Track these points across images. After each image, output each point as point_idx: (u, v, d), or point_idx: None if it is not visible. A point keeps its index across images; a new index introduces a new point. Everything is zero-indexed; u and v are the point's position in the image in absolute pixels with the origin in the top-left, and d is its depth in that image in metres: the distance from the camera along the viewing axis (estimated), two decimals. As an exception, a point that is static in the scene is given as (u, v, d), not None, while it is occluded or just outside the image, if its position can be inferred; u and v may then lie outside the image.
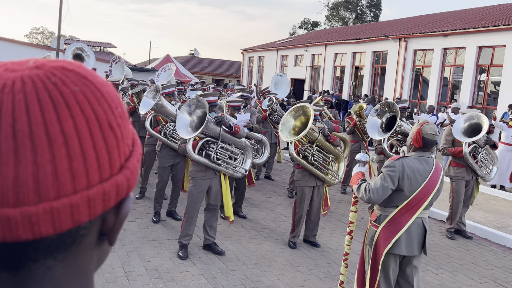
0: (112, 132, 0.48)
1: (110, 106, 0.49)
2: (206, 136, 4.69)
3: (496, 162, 6.23)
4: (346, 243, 3.76)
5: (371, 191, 3.28)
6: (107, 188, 0.48)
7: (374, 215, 3.46)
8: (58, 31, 17.39)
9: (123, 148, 0.50)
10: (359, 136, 7.86)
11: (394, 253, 3.31)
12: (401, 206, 3.29)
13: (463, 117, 5.85)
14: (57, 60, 0.49)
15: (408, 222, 3.27)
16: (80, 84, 0.47)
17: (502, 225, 6.76)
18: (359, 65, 21.14)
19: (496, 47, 14.51)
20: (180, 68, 22.53)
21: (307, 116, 4.97)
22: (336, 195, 7.94)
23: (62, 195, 0.44)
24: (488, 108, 14.68)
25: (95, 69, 5.44)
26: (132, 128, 0.54)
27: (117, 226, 0.52)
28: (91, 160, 0.46)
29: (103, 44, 36.86)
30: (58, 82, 0.46)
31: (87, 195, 0.46)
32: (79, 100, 0.46)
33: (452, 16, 19.92)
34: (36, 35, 73.31)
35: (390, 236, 3.28)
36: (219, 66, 39.28)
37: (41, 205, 0.43)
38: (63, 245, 0.47)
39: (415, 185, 3.28)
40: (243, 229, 5.81)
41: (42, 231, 0.44)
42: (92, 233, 0.50)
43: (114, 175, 0.49)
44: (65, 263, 0.49)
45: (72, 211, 0.45)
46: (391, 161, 3.31)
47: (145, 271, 4.32)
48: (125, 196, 0.52)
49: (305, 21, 47.94)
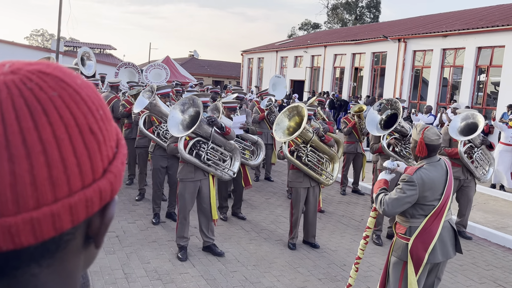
0: (93, 136, 0.47)
1: (90, 110, 0.48)
2: (197, 136, 4.68)
3: (492, 163, 6.23)
4: (360, 248, 3.68)
5: (386, 204, 3.22)
6: (90, 194, 0.46)
7: (401, 227, 3.36)
8: (58, 33, 17.43)
9: (106, 152, 0.49)
10: (355, 137, 7.86)
11: (431, 262, 3.25)
12: (430, 215, 3.23)
13: (459, 116, 5.86)
14: (34, 63, 0.48)
15: (439, 229, 3.22)
16: (58, 89, 0.46)
17: (501, 226, 6.75)
18: (359, 66, 21.15)
19: (495, 47, 14.51)
20: (180, 70, 22.54)
21: (301, 116, 4.98)
22: (335, 196, 7.94)
23: (42, 204, 0.43)
24: (487, 109, 14.68)
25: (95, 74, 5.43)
26: (116, 128, 0.53)
27: (103, 229, 0.52)
28: (72, 167, 0.45)
29: (103, 46, 36.89)
30: (34, 88, 0.44)
31: (68, 203, 0.45)
32: (57, 106, 0.45)
33: (451, 16, 19.94)
34: (36, 37, 73.38)
35: (426, 246, 3.21)
36: (218, 67, 39.31)
37: (20, 215, 0.42)
38: (47, 252, 0.47)
39: (437, 193, 3.23)
40: (243, 231, 5.81)
41: (22, 241, 0.43)
42: (77, 238, 0.49)
43: (97, 180, 0.48)
44: (51, 269, 0.48)
45: (54, 220, 0.44)
46: (409, 176, 3.20)
47: (145, 273, 4.32)
48: (110, 200, 0.51)
49: (305, 22, 48.00)
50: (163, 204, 6.20)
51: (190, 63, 36.97)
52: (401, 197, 3.19)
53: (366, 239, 3.66)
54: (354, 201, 7.75)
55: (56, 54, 17.77)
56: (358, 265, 3.75)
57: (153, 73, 13.68)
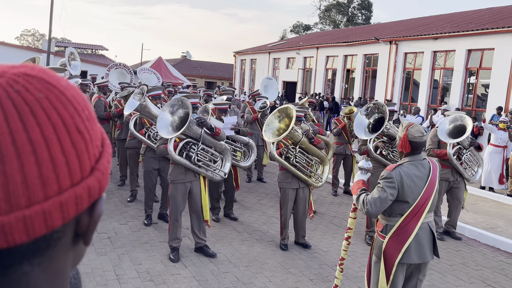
0: (80, 135, 0.48)
1: (76, 110, 0.49)
2: (187, 137, 4.68)
3: (481, 164, 6.31)
4: (343, 248, 3.71)
5: (369, 204, 3.20)
6: (79, 191, 0.48)
7: (380, 225, 3.35)
8: (49, 33, 17.31)
9: (93, 150, 0.50)
10: (345, 138, 7.92)
11: (404, 262, 3.21)
12: (406, 214, 3.20)
13: (447, 118, 5.92)
14: (18, 66, 0.49)
15: (415, 229, 3.18)
16: (44, 90, 0.47)
17: (491, 226, 6.84)
18: (351, 67, 21.27)
19: (485, 50, 14.68)
20: (172, 71, 22.50)
21: (290, 118, 5.00)
22: (327, 198, 7.98)
23: (33, 203, 0.44)
24: (477, 111, 14.84)
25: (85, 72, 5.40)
26: (100, 128, 0.54)
27: (92, 226, 0.53)
28: (61, 165, 0.46)
29: (94, 47, 36.68)
30: (21, 90, 0.45)
31: (59, 200, 0.46)
32: (45, 107, 0.46)
33: (441, 19, 20.13)
34: (27, 37, 72.79)
35: (399, 246, 3.18)
36: (211, 68, 39.30)
37: (13, 214, 0.43)
38: (38, 249, 0.47)
39: (416, 192, 3.20)
40: (235, 232, 5.82)
41: (16, 239, 0.44)
42: (67, 235, 0.51)
43: (85, 178, 0.49)
44: (41, 267, 0.49)
45: (45, 217, 0.45)
46: (388, 172, 3.21)
47: (137, 274, 4.32)
48: (98, 197, 0.52)
49: (297, 24, 48.16)
50: (155, 206, 6.19)
51: (182, 64, 36.93)
52: (382, 196, 3.17)
53: (348, 240, 3.67)
54: (346, 202, 7.79)
55: (47, 54, 17.65)
56: (342, 266, 3.77)
57: (143, 77, 13.67)
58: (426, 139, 3.32)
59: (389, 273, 3.24)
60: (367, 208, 3.21)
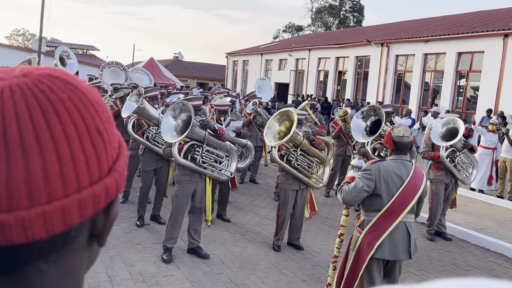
0: (100, 136, 0.50)
1: (97, 111, 0.50)
2: (192, 140, 4.70)
3: (476, 165, 6.38)
4: (336, 246, 3.79)
5: (344, 192, 3.36)
6: (97, 190, 0.49)
7: (359, 220, 3.50)
8: (40, 33, 17.17)
9: (111, 152, 0.52)
10: (344, 140, 7.97)
11: (377, 257, 3.33)
12: (383, 211, 3.32)
13: (440, 121, 5.99)
14: (43, 67, 0.50)
15: (391, 227, 3.29)
16: (67, 91, 0.48)
17: (481, 227, 6.91)
18: (342, 69, 21.39)
19: (475, 53, 14.86)
20: (164, 72, 22.43)
21: (291, 121, 5.03)
22: (319, 198, 8.01)
23: (53, 199, 0.45)
24: (467, 113, 15.00)
25: (77, 73, 5.39)
26: (117, 131, 0.56)
27: (107, 227, 0.54)
28: (81, 164, 0.47)
29: (85, 47, 36.44)
30: (46, 89, 0.47)
31: (77, 198, 0.47)
32: (67, 106, 0.47)
33: (432, 22, 20.32)
34: (17, 37, 72.07)
35: (373, 241, 3.31)
36: (203, 69, 39.23)
37: (33, 209, 0.44)
38: (55, 247, 0.48)
39: (393, 188, 3.32)
40: (228, 233, 5.83)
41: (35, 234, 0.45)
42: (83, 235, 0.51)
43: (103, 177, 0.50)
44: (57, 266, 0.50)
45: (64, 214, 0.46)
46: (368, 164, 3.39)
47: (129, 276, 4.30)
48: (114, 198, 0.53)
49: (290, 25, 48.30)
50: (148, 207, 6.17)
51: (174, 65, 36.82)
52: (357, 185, 3.32)
53: (341, 237, 3.77)
54: (338, 203, 7.83)
55: (38, 54, 17.49)
56: (335, 264, 3.84)
57: (135, 76, 13.61)
58: (408, 141, 3.44)
59: (360, 267, 3.37)
60: (342, 195, 3.38)
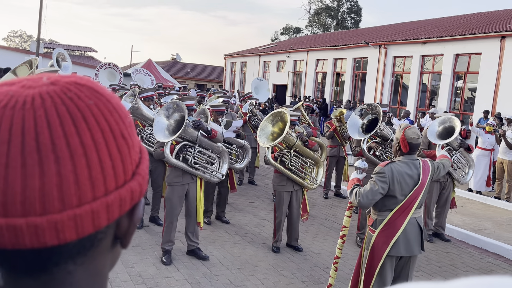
0: (125, 141, 0.52)
1: (121, 117, 0.52)
2: (184, 140, 4.68)
3: (472, 165, 6.40)
4: (338, 247, 3.85)
5: (361, 195, 3.42)
6: (123, 194, 0.51)
7: (371, 219, 3.57)
8: (38, 35, 17.15)
9: (134, 156, 0.54)
10: (338, 141, 7.99)
11: (392, 255, 3.43)
12: (395, 209, 3.43)
13: (437, 120, 6.03)
14: (68, 76, 0.53)
15: (403, 224, 3.41)
16: (94, 98, 0.50)
17: (479, 228, 6.94)
18: (340, 71, 21.43)
19: (472, 54, 14.92)
20: (162, 73, 22.45)
21: (284, 122, 5.04)
22: (318, 200, 8.03)
23: (83, 202, 0.47)
24: (464, 114, 15.05)
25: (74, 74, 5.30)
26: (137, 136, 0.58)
27: (131, 229, 0.56)
28: (108, 168, 0.49)
29: (83, 48, 36.41)
30: (74, 97, 0.49)
31: (105, 201, 0.49)
32: (94, 113, 0.49)
33: (430, 24, 20.39)
34: (14, 38, 71.90)
35: (388, 240, 3.40)
36: (201, 71, 39.22)
37: (65, 212, 0.46)
38: (82, 249, 0.50)
39: (406, 188, 3.43)
40: (227, 234, 5.83)
41: (66, 236, 0.47)
42: (108, 237, 0.53)
43: (128, 181, 0.52)
44: (83, 267, 0.52)
45: (93, 217, 0.48)
46: (381, 167, 3.45)
47: (129, 277, 4.30)
48: (138, 201, 0.55)
49: (287, 27, 48.36)
50: (146, 208, 6.17)
51: (172, 67, 36.80)
52: (373, 188, 3.39)
53: (343, 238, 3.83)
54: (337, 204, 7.85)
55: (35, 56, 17.47)
56: (337, 265, 3.90)
57: (137, 77, 13.63)
58: (421, 141, 3.57)
59: (376, 265, 3.43)
60: (359, 199, 3.42)
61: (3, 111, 0.47)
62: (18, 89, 0.49)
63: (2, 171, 0.45)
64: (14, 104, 0.47)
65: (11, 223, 0.45)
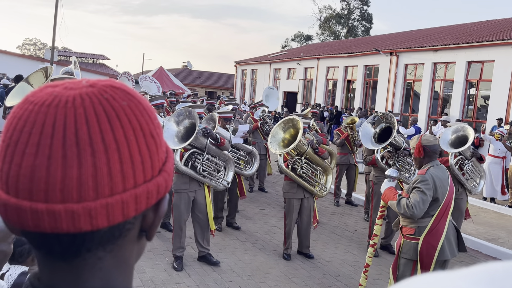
0: (153, 140, 0.56)
1: (150, 118, 0.57)
2: (193, 148, 4.72)
3: (483, 176, 6.32)
4: (368, 255, 3.93)
5: (414, 207, 3.45)
6: (150, 187, 0.55)
7: (409, 229, 3.61)
8: (52, 43, 17.44)
9: (161, 154, 0.58)
10: (348, 148, 7.96)
11: (441, 259, 3.51)
12: (435, 215, 3.51)
13: (450, 129, 5.98)
14: (104, 80, 0.58)
15: (445, 228, 3.50)
16: (127, 99, 0.56)
17: (492, 237, 6.85)
18: (351, 78, 21.39)
19: (485, 62, 14.79)
20: (174, 80, 22.62)
21: (296, 129, 5.04)
22: (329, 207, 7.99)
23: (115, 193, 0.52)
24: (477, 122, 14.90)
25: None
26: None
27: (156, 222, 0.60)
28: (137, 163, 0.54)
29: (96, 56, 36.90)
30: (109, 98, 0.54)
31: (134, 193, 0.53)
32: (127, 113, 0.54)
33: (442, 31, 20.29)
34: (28, 46, 73.10)
35: (434, 245, 3.47)
36: (212, 78, 39.44)
37: (98, 201, 0.51)
38: (112, 237, 0.55)
39: (444, 192, 3.54)
40: (238, 241, 5.84)
41: (99, 223, 0.52)
42: (135, 228, 0.58)
43: (155, 176, 0.57)
44: (112, 254, 0.56)
45: (123, 207, 0.53)
46: (422, 175, 3.52)
47: (141, 283, 4.33)
48: (163, 196, 0.59)
49: (298, 34, 48.49)
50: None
51: (183, 74, 37.06)
52: (423, 197, 3.46)
53: (374, 247, 3.91)
54: (348, 212, 7.81)
55: (50, 64, 17.76)
56: (367, 273, 3.99)
57: (144, 84, 13.80)
58: (438, 144, 3.67)
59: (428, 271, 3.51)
60: (413, 211, 3.46)
61: (47, 109, 0.52)
62: (61, 90, 0.54)
63: (45, 161, 0.50)
64: (58, 103, 0.52)
65: (51, 208, 0.50)
